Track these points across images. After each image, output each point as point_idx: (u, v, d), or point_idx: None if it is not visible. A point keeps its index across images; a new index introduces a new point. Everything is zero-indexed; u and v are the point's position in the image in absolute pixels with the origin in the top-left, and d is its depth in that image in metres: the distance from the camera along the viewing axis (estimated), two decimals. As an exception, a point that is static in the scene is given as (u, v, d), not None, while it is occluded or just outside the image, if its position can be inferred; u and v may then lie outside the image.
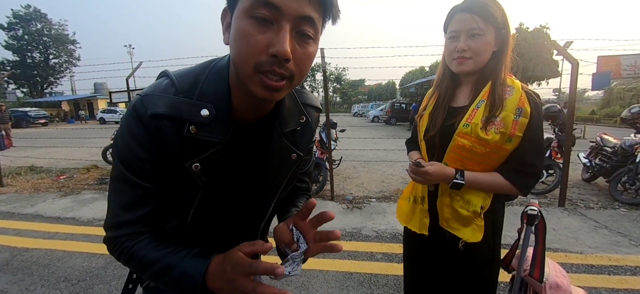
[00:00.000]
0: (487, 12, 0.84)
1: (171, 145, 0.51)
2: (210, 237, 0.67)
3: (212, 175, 0.57)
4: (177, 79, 0.54)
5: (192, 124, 0.51)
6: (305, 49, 0.48)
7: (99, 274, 2.26)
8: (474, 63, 0.87)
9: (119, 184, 0.54)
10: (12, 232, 3.05)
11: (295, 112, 0.64)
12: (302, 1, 0.45)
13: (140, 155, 0.51)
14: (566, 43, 3.74)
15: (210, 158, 0.55)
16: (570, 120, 3.50)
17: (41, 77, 34.16)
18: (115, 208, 0.56)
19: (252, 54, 0.45)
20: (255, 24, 0.44)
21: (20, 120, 20.23)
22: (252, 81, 0.47)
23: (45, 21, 33.68)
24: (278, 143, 0.62)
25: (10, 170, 5.64)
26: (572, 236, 2.77)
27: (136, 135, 0.51)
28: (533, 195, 4.04)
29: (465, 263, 0.98)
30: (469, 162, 0.91)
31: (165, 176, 0.54)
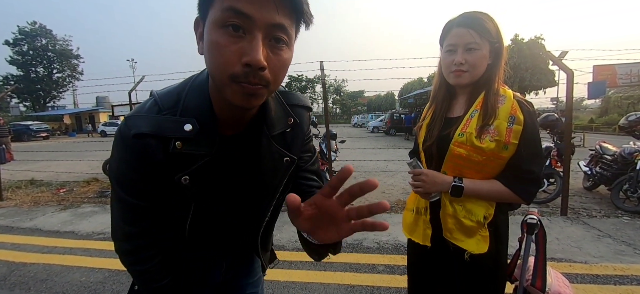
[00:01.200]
0: (483, 27, 0.87)
1: (158, 162, 0.52)
2: (210, 246, 0.69)
3: (202, 187, 0.58)
4: (159, 98, 0.55)
5: (177, 140, 0.52)
6: (279, 56, 0.48)
7: (97, 290, 2.23)
8: (470, 76, 0.91)
9: (119, 203, 0.58)
10: (9, 246, 3.03)
11: (282, 115, 0.64)
12: (272, 9, 0.44)
13: (130, 176, 0.54)
14: (561, 53, 3.80)
15: (198, 171, 0.55)
16: (569, 129, 3.51)
17: (44, 91, 34.54)
18: (118, 221, 0.60)
19: (226, 65, 0.45)
20: (227, 35, 0.44)
21: (22, 133, 20.33)
22: (229, 90, 0.47)
23: (50, 37, 34.31)
24: (268, 148, 0.61)
25: (10, 184, 5.63)
26: (576, 245, 2.74)
27: (124, 157, 0.53)
28: (534, 204, 4.01)
29: (469, 275, 0.97)
30: (467, 171, 0.92)
31: (157, 193, 0.56)
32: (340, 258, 2.61)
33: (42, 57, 33.89)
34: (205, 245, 0.68)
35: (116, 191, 0.57)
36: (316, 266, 2.48)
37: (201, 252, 0.69)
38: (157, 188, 0.55)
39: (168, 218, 0.61)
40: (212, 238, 0.68)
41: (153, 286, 0.63)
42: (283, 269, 2.45)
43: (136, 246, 0.60)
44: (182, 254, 0.68)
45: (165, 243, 0.63)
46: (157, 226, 0.60)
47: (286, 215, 0.51)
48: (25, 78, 32.75)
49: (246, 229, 0.70)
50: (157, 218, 0.60)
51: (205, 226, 0.64)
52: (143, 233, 0.59)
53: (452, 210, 0.95)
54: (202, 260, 0.72)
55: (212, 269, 0.75)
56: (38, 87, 33.82)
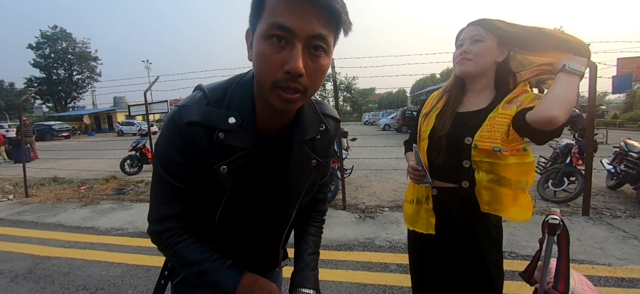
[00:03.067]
0: (490, 24, 0.95)
1: (202, 149, 0.58)
2: (236, 239, 0.72)
3: (237, 178, 0.62)
4: (208, 92, 0.61)
5: (221, 131, 0.57)
6: (317, 63, 0.52)
7: (116, 283, 2.31)
8: (474, 65, 0.97)
9: (158, 184, 0.62)
10: (35, 241, 3.18)
11: (315, 121, 0.69)
12: (312, 21, 0.48)
13: (176, 160, 0.59)
14: (583, 46, 3.64)
15: (236, 162, 0.60)
16: (591, 125, 3.36)
17: (65, 92, 36.03)
18: (155, 204, 0.63)
19: (269, 72, 0.50)
20: (271, 45, 0.49)
21: (45, 133, 21.25)
22: (270, 95, 0.53)
23: (70, 40, 35.69)
24: (298, 150, 0.66)
25: (35, 181, 5.91)
26: (599, 247, 2.62)
27: (173, 142, 0.58)
28: (554, 203, 3.87)
29: (474, 258, 1.02)
30: (499, 139, 0.92)
31: (197, 178, 0.61)
32: (352, 256, 2.60)
33: (62, 59, 35.33)
34: (230, 238, 0.71)
35: (159, 172, 0.61)
36: (327, 265, 2.48)
37: (225, 244, 0.71)
38: (197, 173, 0.60)
39: (200, 205, 0.65)
40: (237, 233, 0.71)
41: (189, 260, 0.64)
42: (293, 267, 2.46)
43: (166, 229, 0.63)
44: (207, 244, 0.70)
45: (193, 231, 0.66)
46: (189, 213, 0.64)
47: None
48: (48, 80, 34.24)
49: (271, 227, 0.74)
50: (191, 205, 0.64)
51: (233, 219, 0.68)
52: (175, 217, 0.63)
53: (487, 182, 0.95)
54: (225, 251, 0.74)
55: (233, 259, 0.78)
56: (59, 89, 35.30)
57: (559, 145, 4.72)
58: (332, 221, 3.38)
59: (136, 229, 3.38)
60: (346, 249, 2.73)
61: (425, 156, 1.06)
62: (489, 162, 0.93)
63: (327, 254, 2.66)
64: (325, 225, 0.88)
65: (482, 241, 1.02)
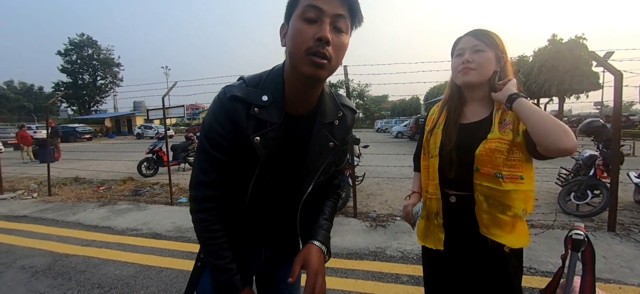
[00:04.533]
0: (488, 36, 0.98)
1: (241, 122, 0.69)
2: (262, 210, 0.82)
3: (268, 149, 0.72)
4: (247, 79, 0.75)
5: (256, 106, 0.69)
6: (339, 39, 0.66)
7: (129, 283, 2.35)
8: (477, 74, 0.98)
9: (199, 154, 0.74)
10: (55, 238, 3.30)
11: (333, 109, 0.81)
12: (336, 4, 0.64)
13: (218, 131, 0.70)
14: (606, 53, 3.47)
15: (268, 135, 0.71)
16: (617, 136, 3.19)
17: (89, 96, 37.77)
18: (195, 172, 0.75)
19: (304, 42, 0.63)
20: (306, 23, 0.63)
21: (69, 135, 22.29)
22: (303, 62, 0.65)
23: (96, 47, 37.55)
24: (319, 132, 0.78)
25: (57, 181, 6.17)
26: (627, 265, 2.46)
27: (217, 116, 0.70)
28: (577, 217, 3.68)
29: (487, 275, 1.00)
30: (499, 163, 0.93)
31: (235, 150, 0.72)
32: (363, 266, 2.56)
33: (88, 65, 37.16)
34: (259, 210, 0.81)
35: (202, 143, 0.73)
36: (338, 274, 2.44)
37: (255, 216, 0.81)
38: (235, 145, 0.71)
39: (236, 179, 0.75)
40: (265, 204, 0.81)
41: (210, 239, 0.75)
42: (304, 274, 2.44)
43: (204, 195, 0.74)
44: (239, 220, 0.81)
45: (228, 204, 0.77)
46: (225, 183, 0.74)
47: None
48: (74, 85, 36.03)
49: (292, 198, 0.83)
50: (227, 176, 0.74)
51: (262, 190, 0.77)
52: (212, 184, 0.73)
53: (487, 206, 0.96)
54: (251, 240, 0.85)
55: (254, 257, 0.87)
56: (84, 93, 37.06)
57: (582, 156, 4.50)
58: (342, 229, 3.34)
59: (150, 230, 3.45)
60: (356, 258, 2.69)
61: (438, 172, 1.05)
62: (488, 187, 0.94)
63: (337, 262, 2.62)
64: (336, 232, 0.91)
65: None
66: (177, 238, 3.18)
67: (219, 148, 0.71)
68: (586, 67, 10.03)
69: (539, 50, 11.38)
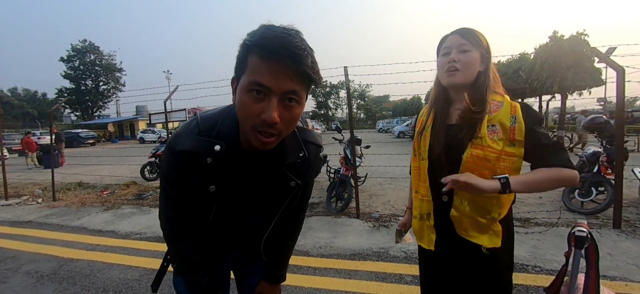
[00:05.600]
0: (474, 35, 0.97)
1: (193, 172, 0.69)
2: (227, 234, 0.86)
3: (224, 193, 0.74)
4: (201, 122, 0.71)
5: (208, 157, 0.68)
6: (290, 112, 0.62)
7: (133, 287, 2.36)
8: (463, 75, 0.96)
9: (164, 192, 0.79)
10: (60, 243, 3.32)
11: (295, 148, 0.77)
12: (286, 80, 0.57)
13: (173, 176, 0.73)
14: (608, 49, 3.45)
15: (223, 181, 0.72)
16: (621, 132, 3.17)
17: (92, 102, 38.04)
18: (162, 206, 0.80)
19: (249, 118, 0.60)
20: (252, 97, 0.59)
21: (72, 140, 22.45)
22: (250, 136, 0.64)
23: (98, 53, 37.84)
24: (279, 173, 0.77)
25: (62, 186, 6.22)
26: (633, 262, 2.44)
27: (170, 163, 0.72)
28: (581, 215, 3.65)
29: (480, 272, 1.01)
30: (485, 171, 0.93)
31: (191, 190, 0.73)
32: (366, 266, 2.55)
33: (90, 71, 37.45)
34: (222, 235, 0.85)
35: (163, 185, 0.77)
36: (341, 274, 2.44)
37: (218, 239, 0.86)
38: (192, 188, 0.73)
39: (197, 211, 0.78)
40: (229, 230, 0.85)
41: (184, 260, 0.81)
42: (307, 275, 2.44)
43: (173, 228, 0.79)
44: (205, 239, 0.84)
45: (195, 228, 0.80)
46: (189, 214, 0.78)
47: (311, 221, 0.50)
48: (77, 91, 36.32)
49: (255, 231, 0.88)
50: (190, 209, 0.77)
51: (223, 223, 0.82)
52: (179, 218, 0.78)
53: (469, 210, 0.97)
54: (216, 247, 0.87)
55: (223, 257, 0.92)
56: (87, 98, 37.34)
57: (586, 153, 4.47)
58: (345, 230, 3.34)
59: (154, 233, 3.47)
60: (359, 259, 2.68)
61: (428, 175, 1.06)
62: None
63: (340, 263, 2.62)
64: (339, 233, 0.94)
65: None
66: (181, 241, 3.19)
67: (178, 189, 0.73)
68: (588, 63, 9.93)
69: (540, 47, 11.29)
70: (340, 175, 4.37)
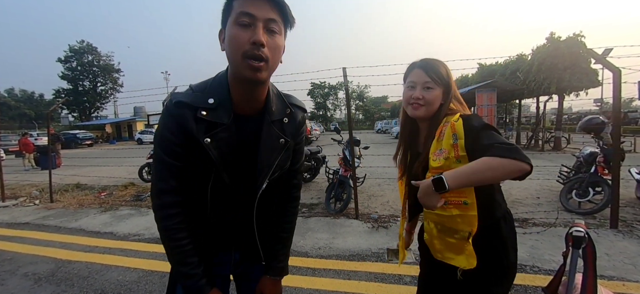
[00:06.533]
0: (438, 72, 1.03)
1: (190, 126, 0.72)
2: (224, 210, 0.84)
3: (220, 149, 0.75)
4: (194, 86, 0.78)
5: (203, 109, 0.73)
6: (273, 39, 0.70)
7: (132, 288, 2.36)
8: (426, 110, 1.03)
9: (156, 163, 0.77)
10: (58, 245, 3.31)
11: (281, 107, 0.84)
12: (268, 9, 0.68)
13: (170, 139, 0.73)
14: (605, 51, 3.48)
15: (218, 135, 0.74)
16: (617, 132, 3.20)
17: (89, 103, 37.83)
18: (154, 180, 0.78)
19: (240, 46, 0.67)
20: (241, 28, 0.67)
21: (70, 141, 22.32)
22: (241, 66, 0.69)
23: (96, 53, 37.64)
24: (268, 130, 0.81)
25: (59, 187, 6.19)
26: (630, 262, 2.45)
27: (167, 124, 0.73)
28: (579, 215, 3.67)
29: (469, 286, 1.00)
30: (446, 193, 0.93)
31: (189, 155, 0.75)
32: (365, 267, 2.55)
33: (88, 72, 37.24)
34: (220, 207, 0.83)
35: (157, 152, 0.76)
36: (340, 275, 2.44)
37: (216, 213, 0.83)
38: (189, 150, 0.74)
39: (194, 182, 0.78)
40: (225, 202, 0.83)
41: (175, 248, 0.77)
42: (307, 276, 2.44)
43: (165, 203, 0.76)
44: (203, 223, 0.83)
45: (189, 206, 0.80)
46: (184, 188, 0.77)
47: (310, 222, 0.50)
48: (74, 92, 36.11)
49: (248, 195, 0.84)
50: (186, 181, 0.77)
51: (221, 194, 0.80)
52: (172, 191, 0.76)
53: (436, 232, 1.01)
54: (219, 244, 0.88)
55: (225, 258, 0.91)
56: (84, 99, 37.13)
57: (583, 153, 4.50)
58: (344, 231, 3.34)
59: (152, 235, 3.46)
60: (358, 260, 2.68)
61: (407, 197, 1.16)
62: (437, 214, 0.97)
63: (339, 264, 2.62)
64: (338, 234, 0.93)
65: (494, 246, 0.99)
66: (179, 243, 3.18)
67: (173, 155, 0.74)
68: (585, 64, 9.98)
69: (537, 48, 11.34)
70: (339, 175, 4.37)
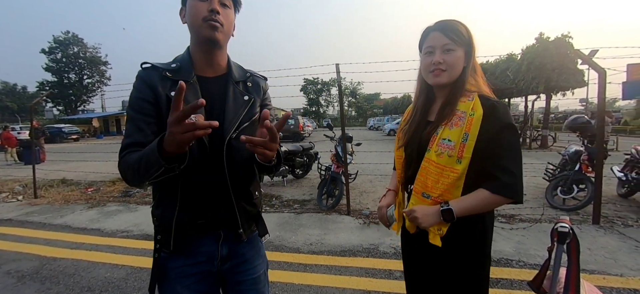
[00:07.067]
0: (457, 32, 0.94)
1: (156, 83, 0.84)
2: (192, 165, 0.83)
3: (187, 104, 0.75)
4: None
5: (167, 71, 0.86)
6: (225, 11, 0.86)
7: (120, 286, 2.32)
8: (448, 75, 0.94)
9: (126, 124, 0.86)
10: (42, 242, 3.22)
11: (242, 73, 0.98)
12: None
13: (137, 96, 0.84)
14: (591, 51, 3.57)
15: None
16: (601, 132, 3.30)
17: (75, 96, 36.68)
18: (123, 140, 0.84)
19: (200, 13, 0.83)
20: (199, 1, 0.83)
21: (55, 135, 21.67)
22: (202, 27, 0.83)
23: (82, 45, 36.46)
24: (233, 89, 0.93)
25: (43, 183, 6.01)
26: (610, 256, 2.55)
27: (136, 86, 0.86)
28: (563, 211, 3.79)
29: (441, 264, 0.99)
30: (430, 186, 0.94)
31: (157, 110, 0.84)
32: (356, 262, 2.58)
33: (74, 64, 36.08)
34: (191, 189, 0.87)
35: (128, 112, 0.85)
36: (332, 271, 2.46)
37: (188, 199, 0.88)
38: (156, 106, 0.83)
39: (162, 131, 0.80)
40: (195, 166, 0.84)
41: (129, 163, 0.79)
42: (298, 272, 2.45)
43: (125, 150, 0.82)
44: (175, 190, 0.87)
45: (162, 190, 0.90)
46: (149, 142, 0.77)
47: (302, 218, 0.49)
48: (59, 84, 34.95)
49: (216, 156, 0.87)
50: (151, 136, 0.82)
51: (189, 152, 0.80)
52: (134, 143, 0.82)
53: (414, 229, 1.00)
54: (205, 222, 0.90)
55: (212, 248, 0.93)
56: (70, 92, 35.98)
57: (568, 151, 4.63)
58: (335, 227, 3.36)
59: (141, 231, 3.40)
60: (350, 255, 2.71)
61: (402, 169, 1.09)
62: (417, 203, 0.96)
63: (331, 260, 2.64)
64: (329, 230, 0.93)
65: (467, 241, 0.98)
66: (169, 239, 3.14)
67: (141, 110, 0.83)
68: (572, 64, 10.24)
69: (527, 48, 11.58)
70: (331, 172, 4.39)
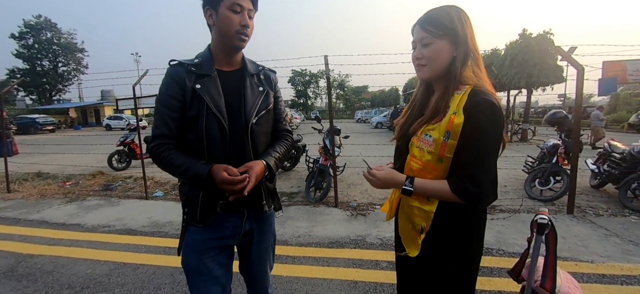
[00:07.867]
0: (436, 23, 0.89)
1: (183, 78, 0.98)
2: (218, 145, 1.01)
3: (210, 93, 0.99)
4: None
5: (192, 66, 1.00)
6: (252, 22, 1.02)
7: (103, 282, 2.25)
8: (430, 69, 0.93)
9: (154, 117, 1.02)
10: (17, 238, 3.07)
11: (255, 67, 1.14)
12: (249, 2, 0.99)
13: (166, 93, 0.99)
14: (570, 48, 3.71)
15: (206, 83, 1.00)
16: (577, 126, 3.45)
17: (50, 85, 34.75)
18: (152, 130, 1.01)
19: (234, 25, 0.98)
20: (233, 13, 0.97)
21: (28, 126, 20.56)
22: (234, 38, 1.00)
23: (55, 30, 34.38)
24: (250, 81, 1.09)
25: (17, 177, 5.71)
26: (582, 244, 2.70)
27: (165, 82, 1.00)
28: (541, 202, 3.97)
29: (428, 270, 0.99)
30: (414, 175, 0.95)
31: (184, 103, 0.98)
32: (344, 254, 2.61)
33: (47, 50, 34.02)
34: (212, 143, 1.00)
35: (156, 106, 1.01)
36: (318, 262, 2.48)
37: (209, 150, 1.00)
38: (183, 100, 0.98)
39: (189, 129, 0.99)
40: (216, 140, 1.00)
41: (168, 163, 0.97)
42: (286, 264, 2.46)
43: (156, 144, 0.99)
44: None
45: (187, 145, 1.00)
46: (174, 134, 0.99)
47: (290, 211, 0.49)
48: (31, 72, 32.95)
49: (239, 136, 1.04)
50: (178, 129, 0.99)
51: (214, 133, 0.99)
52: (162, 135, 0.98)
53: (404, 217, 1.01)
54: (232, 203, 1.00)
55: (236, 225, 1.09)
56: (44, 81, 34.03)
57: (546, 145, 4.83)
58: (323, 219, 3.39)
59: (124, 226, 3.30)
60: (337, 247, 2.74)
61: (394, 160, 1.10)
62: (399, 196, 0.98)
63: (318, 251, 2.66)
64: (317, 222, 0.97)
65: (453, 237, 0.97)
66: (154, 234, 3.07)
67: (168, 106, 0.98)
68: (552, 61, 10.59)
69: (510, 43, 11.89)
70: (319, 164, 4.39)
